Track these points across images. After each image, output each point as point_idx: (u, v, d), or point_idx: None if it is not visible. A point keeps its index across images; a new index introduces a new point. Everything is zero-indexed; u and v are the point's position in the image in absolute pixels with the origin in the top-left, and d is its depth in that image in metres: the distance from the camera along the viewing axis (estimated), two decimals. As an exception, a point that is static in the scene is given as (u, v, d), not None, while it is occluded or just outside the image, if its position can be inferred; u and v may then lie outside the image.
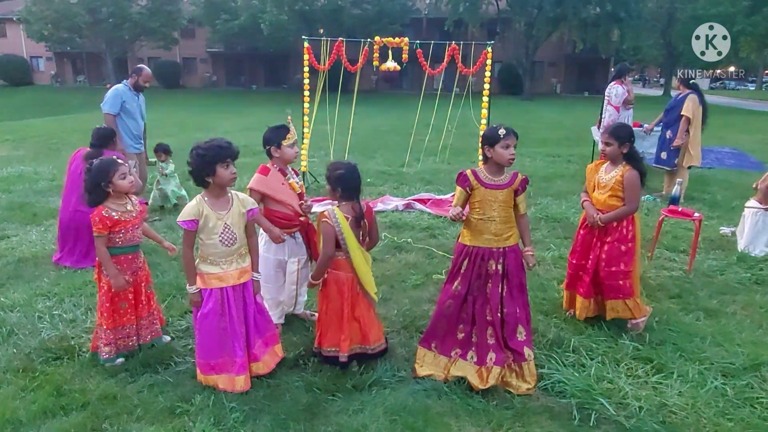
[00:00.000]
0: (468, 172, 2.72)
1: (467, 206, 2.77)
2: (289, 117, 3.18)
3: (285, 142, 3.03)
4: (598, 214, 3.24)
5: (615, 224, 3.23)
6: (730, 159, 10.02)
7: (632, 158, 3.20)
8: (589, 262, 3.31)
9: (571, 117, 19.65)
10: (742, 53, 30.65)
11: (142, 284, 2.94)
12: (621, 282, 3.22)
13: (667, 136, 6.65)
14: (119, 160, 2.79)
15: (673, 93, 6.77)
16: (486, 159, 2.72)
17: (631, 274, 3.24)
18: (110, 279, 2.74)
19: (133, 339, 2.91)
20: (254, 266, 2.70)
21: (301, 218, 3.12)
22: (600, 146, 3.30)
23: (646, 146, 8.71)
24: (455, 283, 2.75)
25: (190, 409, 2.45)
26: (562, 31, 32.81)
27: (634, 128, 7.44)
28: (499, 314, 2.71)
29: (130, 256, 2.83)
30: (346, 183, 2.71)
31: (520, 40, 32.09)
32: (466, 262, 2.72)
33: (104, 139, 4.23)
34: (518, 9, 30.31)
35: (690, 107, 6.36)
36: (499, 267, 2.71)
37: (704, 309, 3.64)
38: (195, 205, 2.49)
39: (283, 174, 3.07)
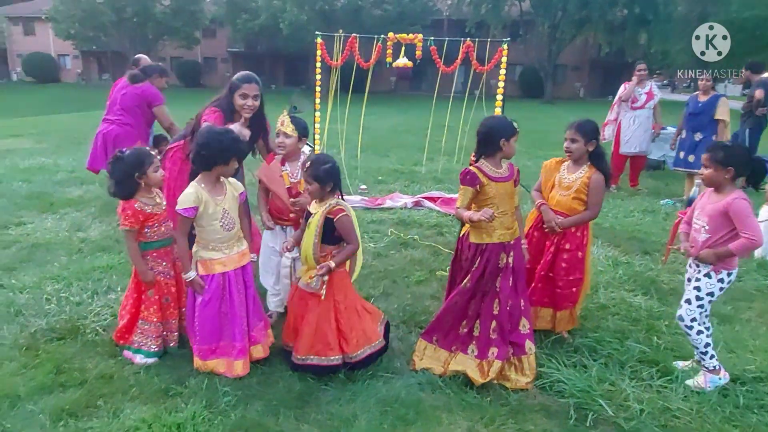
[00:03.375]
0: (474, 169, 2.62)
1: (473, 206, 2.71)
2: (286, 110, 3.05)
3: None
4: (557, 219, 2.96)
5: (573, 229, 2.98)
6: (755, 165, 9.71)
7: (598, 158, 2.95)
8: (539, 266, 3.05)
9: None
10: (776, 58, 29.79)
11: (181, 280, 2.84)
12: (574, 289, 3.05)
13: (696, 139, 6.45)
14: (152, 152, 2.73)
15: (702, 98, 6.54)
16: (493, 152, 2.63)
17: (582, 281, 3.08)
18: (140, 274, 2.69)
19: (175, 334, 2.82)
20: (252, 247, 2.73)
21: (291, 214, 3.03)
22: (565, 143, 2.96)
23: (669, 149, 8.52)
24: (465, 281, 2.71)
25: (184, 392, 2.47)
26: (586, 34, 32.28)
27: (652, 130, 7.30)
28: (507, 308, 2.67)
29: (168, 248, 2.77)
30: (335, 176, 2.60)
31: (543, 42, 31.70)
32: (479, 260, 2.66)
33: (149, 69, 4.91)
34: (542, 11, 29.93)
35: (725, 111, 6.23)
36: (510, 260, 2.67)
37: (718, 314, 3.52)
38: (194, 192, 2.48)
39: (283, 163, 3.04)
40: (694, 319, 2.66)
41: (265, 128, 3.32)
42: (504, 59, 6.16)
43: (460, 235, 2.85)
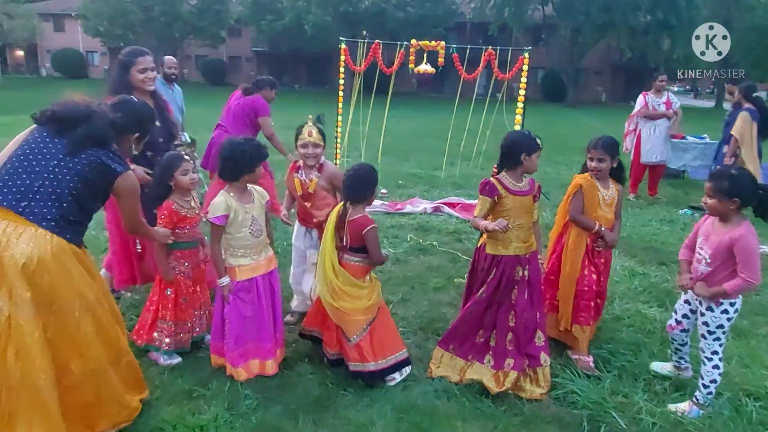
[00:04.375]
0: (494, 180, 2.69)
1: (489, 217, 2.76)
2: (311, 117, 3.09)
3: (298, 142, 3.05)
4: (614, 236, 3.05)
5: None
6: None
7: (619, 171, 3.09)
8: (601, 284, 3.15)
9: (614, 126, 19.06)
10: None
11: (200, 280, 2.93)
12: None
13: (724, 151, 6.36)
14: (186, 157, 2.80)
15: (726, 105, 6.47)
16: (514, 166, 2.69)
17: None
18: (161, 272, 2.77)
19: (188, 336, 2.86)
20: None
21: (314, 219, 3.11)
22: (592, 164, 2.99)
23: (688, 159, 8.48)
24: (480, 291, 2.76)
25: (207, 393, 2.56)
26: (609, 39, 31.88)
27: (673, 140, 7.23)
28: (523, 320, 2.72)
29: (193, 250, 2.86)
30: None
31: (565, 46, 31.38)
32: (494, 271, 2.72)
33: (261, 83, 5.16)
34: (564, 15, 29.64)
35: (739, 126, 6.06)
36: (525, 273, 2.72)
37: (734, 329, 3.49)
38: (223, 200, 2.58)
39: (296, 170, 3.14)
40: (715, 352, 2.55)
41: (166, 106, 3.38)
42: (525, 67, 6.18)
43: (478, 245, 2.91)
